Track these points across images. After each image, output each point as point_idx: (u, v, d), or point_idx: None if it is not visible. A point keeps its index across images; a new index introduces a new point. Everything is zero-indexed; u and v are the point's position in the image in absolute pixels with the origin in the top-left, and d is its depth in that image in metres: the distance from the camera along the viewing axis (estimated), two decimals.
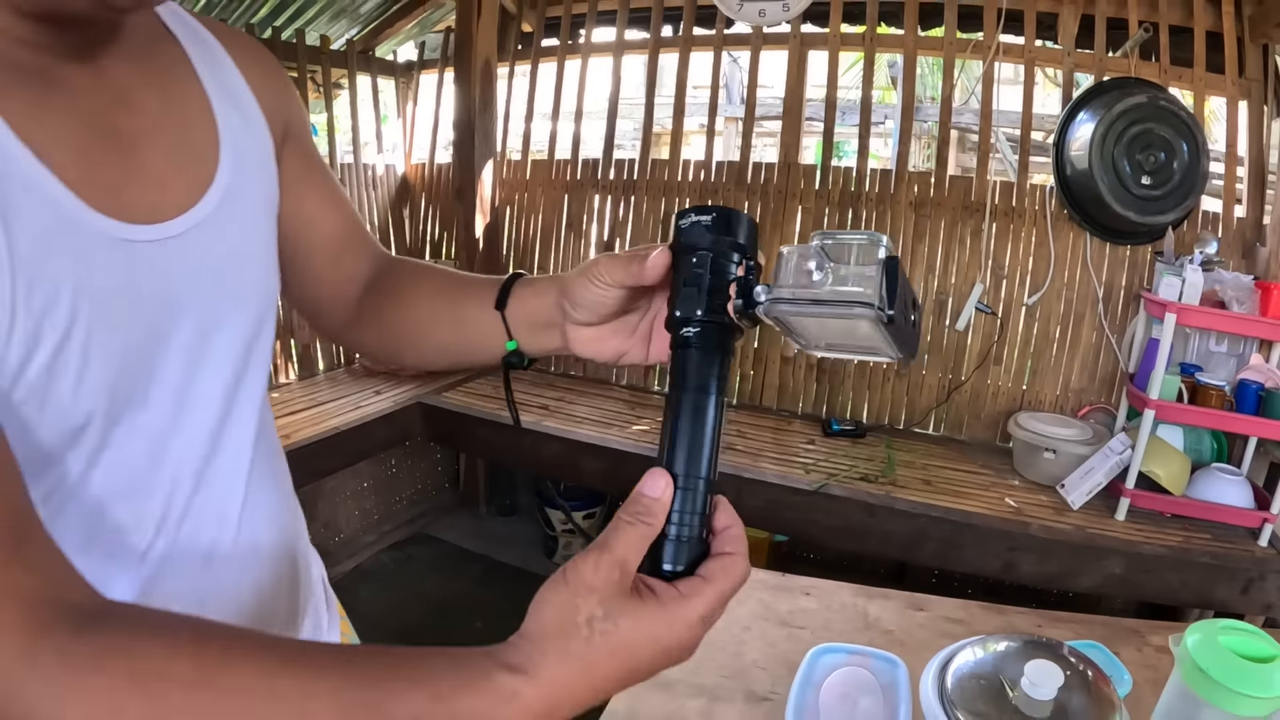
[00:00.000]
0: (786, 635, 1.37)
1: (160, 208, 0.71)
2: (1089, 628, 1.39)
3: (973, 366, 3.33)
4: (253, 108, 0.83)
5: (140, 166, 0.70)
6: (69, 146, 0.64)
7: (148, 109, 0.72)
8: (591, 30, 4.14)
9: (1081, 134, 2.97)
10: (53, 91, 0.64)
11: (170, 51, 0.78)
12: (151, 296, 0.69)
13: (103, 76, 0.68)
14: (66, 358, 0.62)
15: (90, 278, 0.63)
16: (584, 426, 3.34)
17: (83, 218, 0.63)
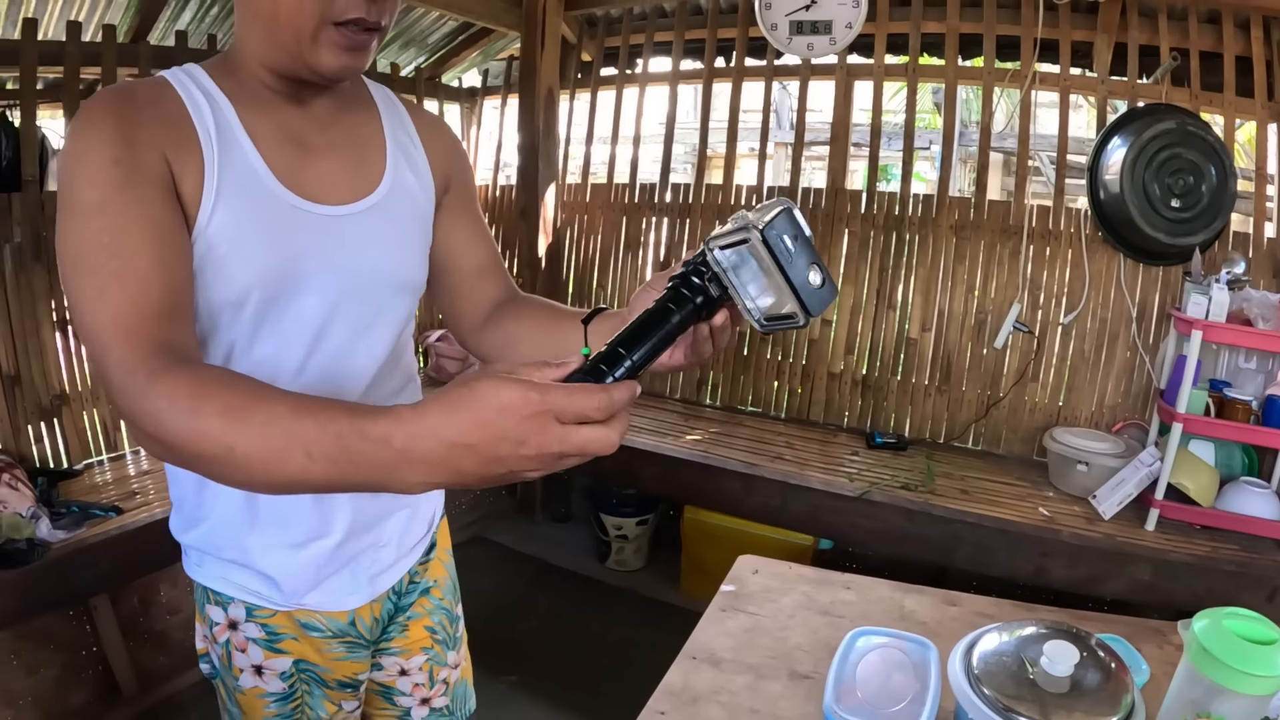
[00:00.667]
0: (827, 623, 1.50)
1: (327, 197, 1.12)
2: (1113, 625, 1.46)
3: (1011, 383, 3.42)
4: (420, 158, 1.26)
5: (317, 168, 1.12)
6: (275, 149, 1.08)
7: (332, 137, 1.15)
8: (648, 60, 4.32)
9: (1114, 159, 3.06)
10: (276, 116, 1.10)
11: (366, 110, 1.23)
12: (299, 242, 1.08)
13: (309, 112, 1.13)
14: (237, 251, 1.02)
15: (266, 218, 1.05)
16: (641, 435, 3.51)
17: (273, 188, 1.07)
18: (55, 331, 3.07)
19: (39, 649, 2.74)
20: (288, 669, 1.27)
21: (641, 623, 3.53)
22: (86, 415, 3.17)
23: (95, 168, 0.93)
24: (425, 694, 1.46)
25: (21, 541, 2.37)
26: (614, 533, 3.98)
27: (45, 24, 3.33)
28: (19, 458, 2.87)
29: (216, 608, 1.25)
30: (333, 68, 1.03)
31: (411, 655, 1.42)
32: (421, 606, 1.42)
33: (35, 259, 3.00)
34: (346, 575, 1.27)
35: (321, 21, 0.99)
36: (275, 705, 1.28)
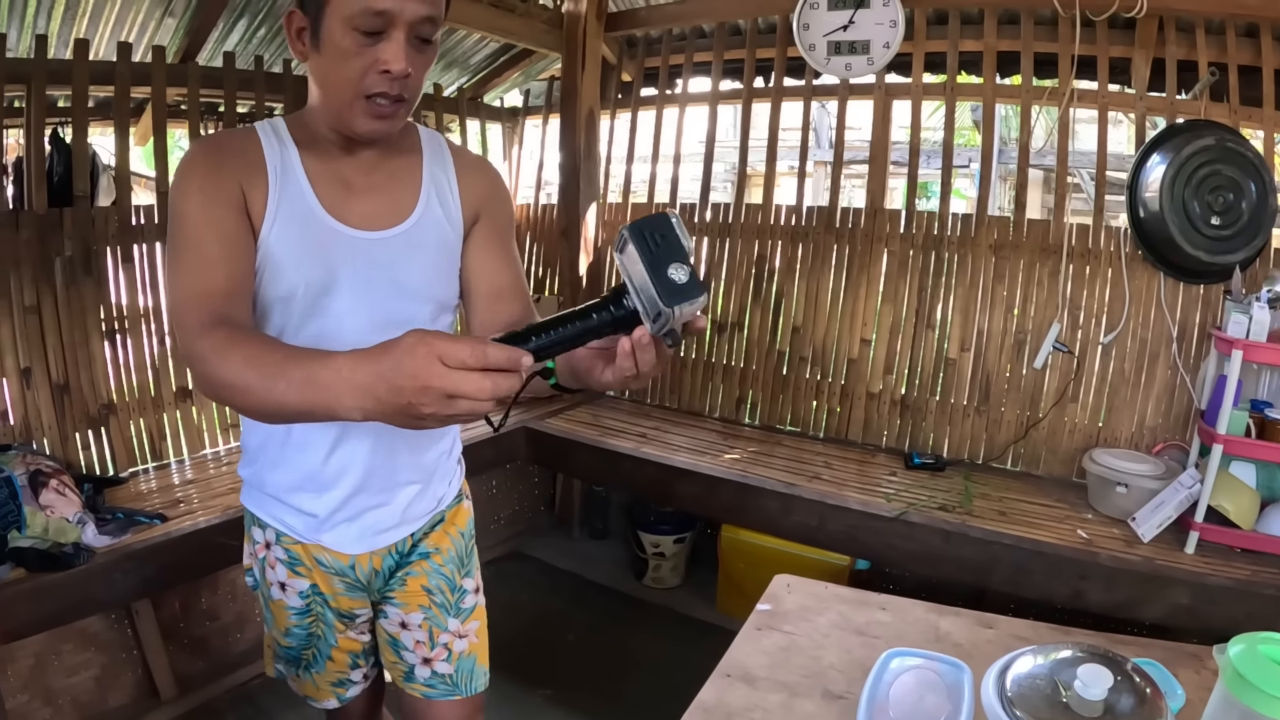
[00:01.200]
0: (862, 643, 1.51)
1: (363, 224, 1.41)
2: (1149, 650, 1.46)
3: (1050, 404, 3.39)
4: (453, 195, 1.51)
5: (358, 202, 1.41)
6: (325, 186, 1.39)
7: (374, 179, 1.44)
8: (688, 80, 4.36)
9: (1154, 177, 3.04)
10: (330, 162, 1.40)
11: (410, 155, 1.49)
12: (337, 257, 1.38)
13: (357, 159, 1.42)
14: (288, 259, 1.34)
15: (312, 237, 1.36)
16: (679, 454, 3.52)
17: (320, 215, 1.38)
18: (104, 342, 3.14)
19: (80, 650, 2.80)
20: (305, 589, 1.59)
21: (677, 640, 3.53)
22: (133, 424, 3.25)
23: (186, 192, 1.29)
24: (426, 654, 1.67)
25: (68, 545, 2.43)
26: (651, 550, 3.99)
27: (96, 45, 3.41)
28: (66, 464, 2.96)
29: (258, 529, 1.60)
30: (364, 131, 1.33)
31: (410, 611, 1.65)
32: (420, 567, 1.65)
33: (85, 272, 3.08)
34: (354, 527, 1.54)
35: (356, 94, 1.28)
36: (295, 617, 1.61)
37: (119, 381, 3.22)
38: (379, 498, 1.54)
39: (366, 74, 1.26)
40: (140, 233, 3.27)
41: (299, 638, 1.64)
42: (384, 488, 1.55)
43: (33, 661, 2.68)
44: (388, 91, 1.27)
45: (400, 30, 1.24)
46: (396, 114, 1.32)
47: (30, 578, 2.34)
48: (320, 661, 1.66)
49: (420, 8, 1.24)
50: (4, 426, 2.90)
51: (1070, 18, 3.24)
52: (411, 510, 1.60)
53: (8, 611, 2.29)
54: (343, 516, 1.53)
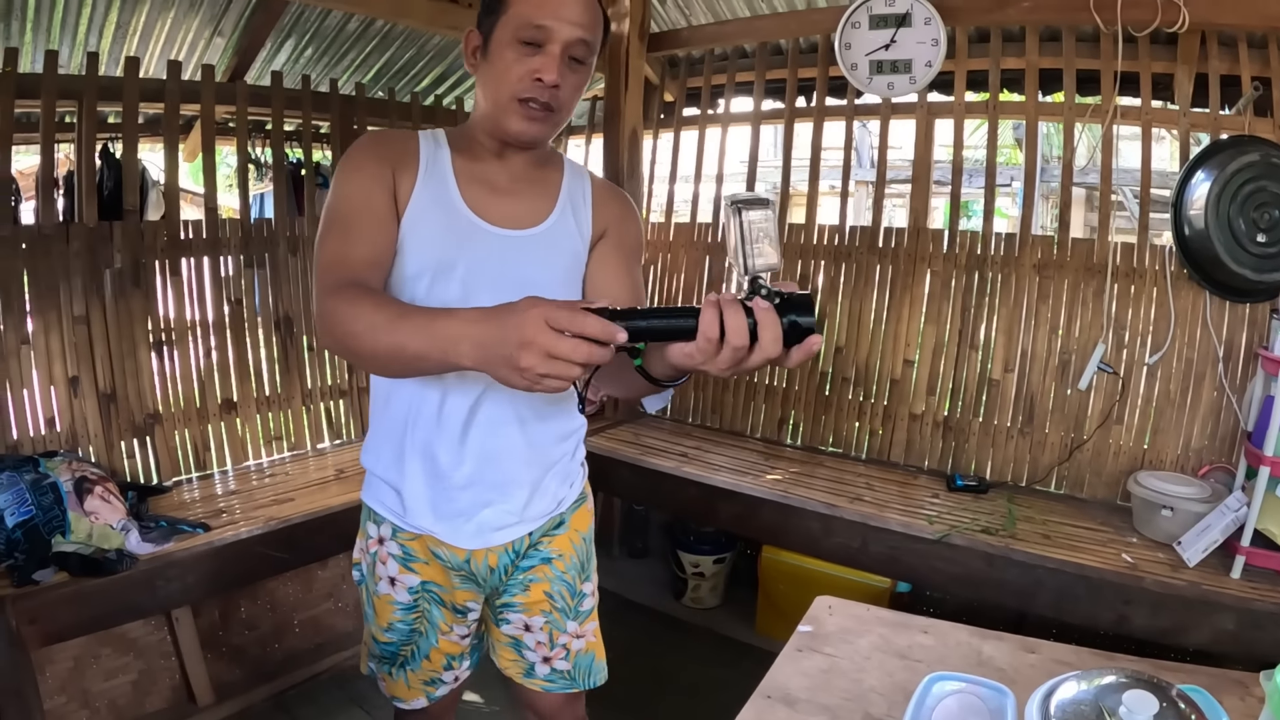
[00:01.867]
0: (904, 666, 1.50)
1: (499, 221, 1.55)
2: (1194, 676, 1.43)
3: (1094, 426, 3.35)
4: (586, 212, 1.66)
5: (497, 202, 1.56)
6: (469, 183, 1.55)
7: (517, 185, 1.59)
8: (730, 100, 4.38)
9: (1198, 194, 3.00)
10: (478, 164, 1.57)
11: (554, 173, 1.66)
12: (469, 246, 1.52)
13: (504, 165, 1.58)
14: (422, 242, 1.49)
15: (449, 225, 1.51)
16: (720, 473, 3.51)
17: (460, 207, 1.53)
18: (151, 353, 3.20)
19: (119, 655, 2.86)
20: (415, 585, 1.69)
21: (715, 661, 3.53)
22: (177, 434, 3.31)
23: (347, 172, 1.49)
24: (546, 653, 1.78)
25: (111, 552, 2.47)
26: (690, 570, 3.99)
27: (147, 63, 3.49)
28: (111, 472, 3.01)
29: (373, 524, 1.71)
30: (515, 131, 1.48)
31: (532, 615, 1.74)
32: (542, 573, 1.73)
33: (134, 284, 3.15)
34: (471, 522, 1.62)
35: (512, 96, 1.45)
36: (400, 613, 1.71)
37: (165, 392, 3.28)
38: (496, 493, 1.62)
39: (522, 79, 1.43)
40: (189, 247, 3.34)
41: (400, 633, 1.73)
42: (502, 483, 1.63)
43: (71, 664, 2.73)
44: (538, 98, 1.45)
45: (556, 46, 1.43)
46: (546, 120, 1.49)
47: (73, 582, 2.38)
48: (416, 659, 1.75)
49: (575, 30, 1.44)
50: (51, 433, 2.96)
51: (1112, 34, 3.21)
52: (530, 510, 1.68)
53: (50, 614, 2.33)
54: (459, 508, 1.61)
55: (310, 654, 3.37)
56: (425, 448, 1.59)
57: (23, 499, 2.50)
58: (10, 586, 2.30)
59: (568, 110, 1.52)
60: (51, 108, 3.04)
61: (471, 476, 1.60)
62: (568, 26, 1.43)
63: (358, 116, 4.04)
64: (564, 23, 1.43)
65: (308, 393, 3.75)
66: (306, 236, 3.74)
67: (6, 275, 2.86)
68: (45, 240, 2.96)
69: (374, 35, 3.98)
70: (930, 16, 3.45)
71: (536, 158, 1.62)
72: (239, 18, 3.53)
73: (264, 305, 3.62)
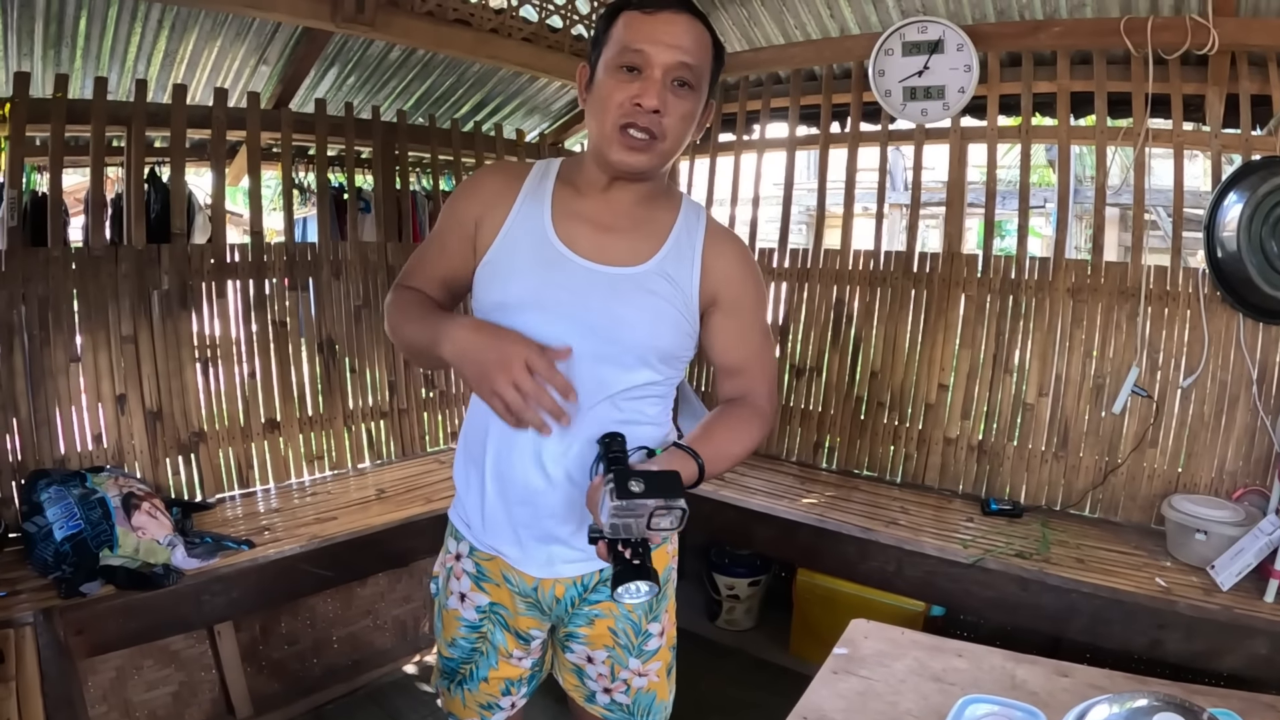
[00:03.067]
0: (938, 689, 1.52)
1: (593, 256, 1.52)
2: (1227, 700, 1.45)
3: (1129, 449, 3.34)
4: (694, 261, 1.59)
5: (594, 236, 1.53)
6: (564, 217, 1.54)
7: (620, 222, 1.55)
8: (765, 126, 4.41)
9: (1230, 216, 3.02)
10: (579, 198, 1.56)
11: (666, 214, 1.61)
12: (557, 277, 1.50)
13: (609, 199, 1.55)
14: (509, 269, 1.53)
15: (537, 256, 1.52)
16: (756, 497, 3.54)
17: (551, 239, 1.52)
18: (196, 373, 3.27)
19: (161, 666, 2.91)
20: (483, 605, 1.69)
21: (750, 683, 3.53)
22: (222, 452, 3.38)
23: (448, 204, 1.64)
24: (607, 685, 1.75)
25: (158, 566, 2.53)
26: (725, 592, 4.00)
27: (194, 90, 3.56)
28: (156, 487, 3.07)
29: (453, 540, 1.74)
30: (617, 160, 1.46)
31: (595, 649, 1.71)
32: (608, 610, 1.69)
33: (181, 305, 3.21)
34: (543, 550, 1.61)
35: (614, 124, 1.43)
36: (465, 630, 1.71)
37: (209, 410, 3.35)
38: (569, 526, 1.59)
39: (623, 105, 1.42)
40: (234, 270, 3.41)
41: (463, 650, 1.73)
42: (575, 516, 1.58)
43: (114, 675, 2.79)
44: (638, 123, 1.42)
45: (656, 70, 1.41)
46: (649, 149, 1.45)
47: (119, 595, 2.45)
48: (474, 680, 1.74)
49: (675, 54, 1.42)
50: (98, 449, 3.04)
51: (1143, 57, 3.25)
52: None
53: (97, 626, 2.40)
54: (533, 536, 1.60)
55: (348, 670, 3.41)
56: (506, 472, 1.58)
57: (71, 513, 2.57)
58: (58, 598, 2.37)
59: (675, 139, 1.48)
60: (101, 133, 3.13)
61: (547, 507, 1.57)
62: (667, 50, 1.41)
63: (399, 142, 4.12)
64: (663, 46, 1.41)
65: (349, 413, 3.81)
66: (349, 260, 3.81)
67: (57, 295, 2.95)
68: (95, 262, 3.05)
69: (415, 64, 4.05)
70: (962, 43, 3.49)
71: (647, 193, 1.59)
72: (284, 47, 3.60)
73: (307, 327, 3.69)
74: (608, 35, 1.47)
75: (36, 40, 3.10)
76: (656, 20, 1.43)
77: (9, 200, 2.96)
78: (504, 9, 3.59)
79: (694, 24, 1.46)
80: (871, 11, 3.81)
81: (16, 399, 2.85)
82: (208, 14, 3.23)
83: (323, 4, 2.99)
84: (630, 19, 1.45)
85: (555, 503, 1.56)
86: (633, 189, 1.55)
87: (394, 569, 3.45)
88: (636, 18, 1.44)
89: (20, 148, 2.97)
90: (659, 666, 1.82)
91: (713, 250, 1.61)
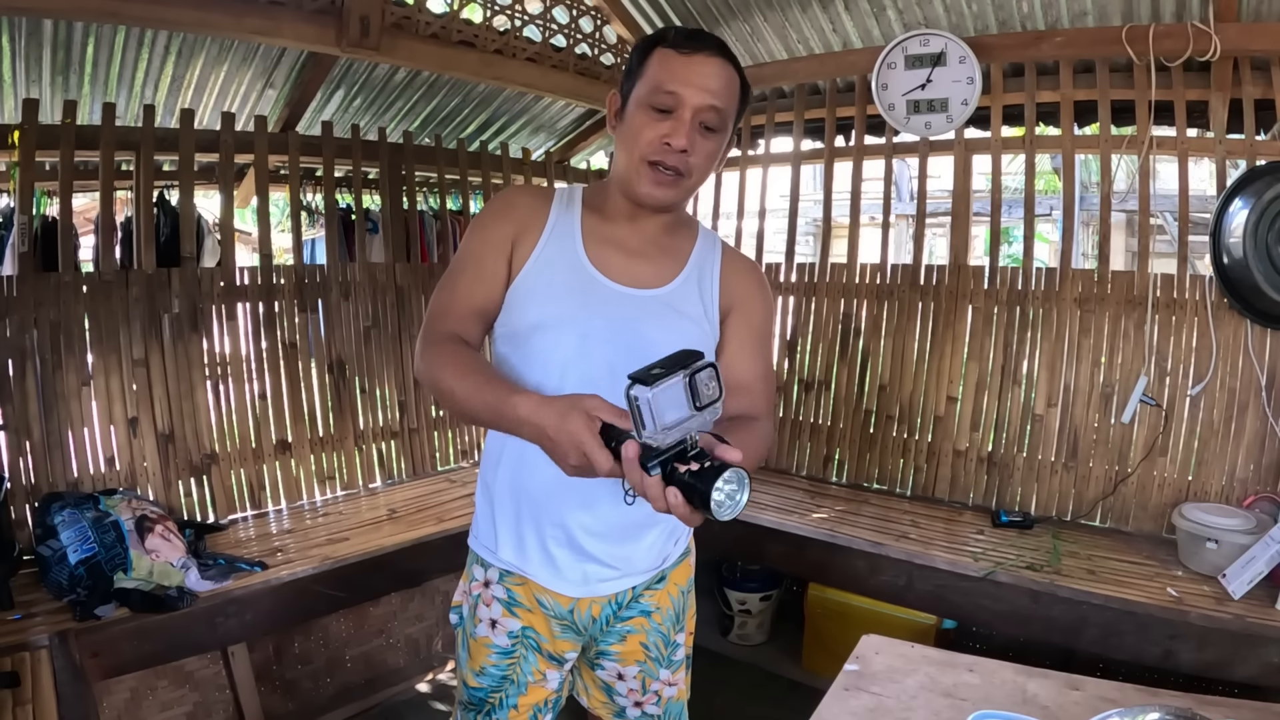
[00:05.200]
0: (950, 704, 1.52)
1: (620, 279, 1.59)
2: (1238, 710, 1.45)
3: (1138, 458, 3.33)
4: (713, 281, 1.68)
5: (622, 261, 1.61)
6: (595, 242, 1.61)
7: (645, 248, 1.64)
8: (770, 140, 4.44)
9: (1236, 222, 3.02)
10: (607, 225, 1.63)
11: (685, 240, 1.70)
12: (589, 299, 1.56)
13: (635, 226, 1.63)
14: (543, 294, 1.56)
15: (571, 281, 1.57)
16: (766, 512, 3.53)
17: (584, 264, 1.59)
18: (208, 395, 3.29)
19: (175, 687, 2.93)
20: (515, 630, 1.68)
21: (763, 698, 3.54)
22: (234, 473, 3.39)
23: (474, 228, 1.64)
24: (638, 698, 1.79)
25: (171, 589, 2.55)
26: (737, 607, 4.01)
27: (201, 114, 3.59)
28: (168, 509, 3.09)
29: (480, 568, 1.73)
30: (644, 193, 1.54)
31: (627, 665, 1.76)
32: (640, 625, 1.74)
33: (192, 328, 3.23)
34: (577, 570, 1.64)
35: (643, 159, 1.51)
36: (496, 656, 1.70)
37: (221, 432, 3.37)
38: (603, 545, 1.63)
39: (653, 143, 1.49)
40: (244, 293, 3.44)
41: (493, 678, 1.71)
42: (608, 535, 1.63)
43: (129, 696, 2.80)
44: (667, 161, 1.50)
45: (686, 112, 1.48)
46: (675, 185, 1.54)
47: (134, 618, 2.46)
48: (504, 709, 1.72)
49: (706, 97, 1.48)
50: (110, 471, 3.05)
51: (1145, 65, 3.24)
52: (635, 564, 1.69)
53: (111, 648, 2.42)
54: (567, 557, 1.63)
55: (362, 689, 3.42)
56: (544, 496, 1.60)
57: (85, 537, 2.58)
58: (73, 621, 2.38)
59: (699, 177, 1.56)
60: (110, 158, 3.16)
61: (580, 527, 1.61)
62: (699, 93, 1.47)
63: (405, 163, 4.15)
64: (695, 89, 1.47)
65: (360, 433, 3.83)
66: (358, 281, 3.84)
67: (69, 319, 2.97)
68: (106, 286, 3.08)
69: (420, 85, 4.07)
70: (965, 55, 3.50)
71: (669, 223, 1.67)
72: (290, 70, 3.63)
73: (317, 348, 3.71)
74: (642, 69, 1.52)
75: (45, 67, 3.13)
76: (692, 62, 1.48)
77: (20, 225, 2.98)
78: (508, 30, 3.61)
79: (725, 67, 1.52)
80: (874, 25, 3.82)
81: (30, 422, 2.87)
82: (214, 39, 3.26)
83: (328, 29, 3.01)
84: (665, 57, 1.50)
85: (589, 524, 1.60)
86: (657, 218, 1.63)
87: (407, 589, 3.46)
88: (672, 57, 1.49)
89: (30, 173, 3.00)
90: (685, 675, 1.90)
91: (730, 269, 1.70)
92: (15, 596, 2.48)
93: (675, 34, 1.53)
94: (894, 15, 3.73)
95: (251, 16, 2.83)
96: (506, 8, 3.59)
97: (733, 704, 3.46)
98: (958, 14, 3.62)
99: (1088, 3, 3.35)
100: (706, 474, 1.07)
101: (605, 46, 4.09)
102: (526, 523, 1.63)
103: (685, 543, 1.83)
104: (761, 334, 1.73)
